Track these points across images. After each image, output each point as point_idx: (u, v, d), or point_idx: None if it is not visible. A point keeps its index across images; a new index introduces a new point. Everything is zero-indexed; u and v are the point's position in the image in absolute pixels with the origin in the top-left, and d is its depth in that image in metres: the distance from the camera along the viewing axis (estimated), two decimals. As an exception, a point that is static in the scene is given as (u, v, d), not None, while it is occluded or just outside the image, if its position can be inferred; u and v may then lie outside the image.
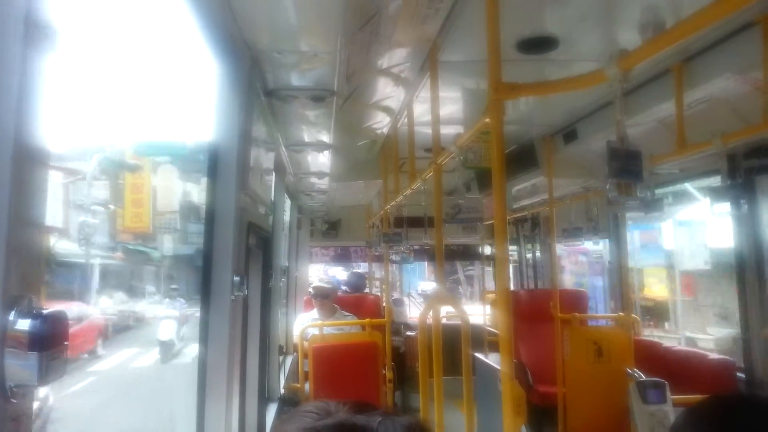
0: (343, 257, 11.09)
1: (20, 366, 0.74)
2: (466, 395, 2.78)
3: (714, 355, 3.77)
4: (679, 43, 2.50)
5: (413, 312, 9.23)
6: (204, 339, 1.88)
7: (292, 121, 2.99)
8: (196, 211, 34.37)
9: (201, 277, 1.90)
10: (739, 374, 3.34)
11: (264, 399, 3.14)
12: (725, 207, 2.86)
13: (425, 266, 25.94)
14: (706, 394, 0.99)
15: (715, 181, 3.06)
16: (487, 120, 1.94)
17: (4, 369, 0.74)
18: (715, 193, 2.92)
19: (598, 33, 2.64)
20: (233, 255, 1.89)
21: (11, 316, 0.74)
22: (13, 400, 0.75)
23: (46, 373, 0.76)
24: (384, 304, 5.77)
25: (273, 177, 3.64)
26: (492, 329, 5.87)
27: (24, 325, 0.75)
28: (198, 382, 1.89)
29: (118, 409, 10.19)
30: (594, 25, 2.55)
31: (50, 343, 0.77)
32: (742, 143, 2.87)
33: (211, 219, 1.87)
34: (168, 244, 31.41)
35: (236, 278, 1.90)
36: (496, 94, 1.85)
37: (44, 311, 0.78)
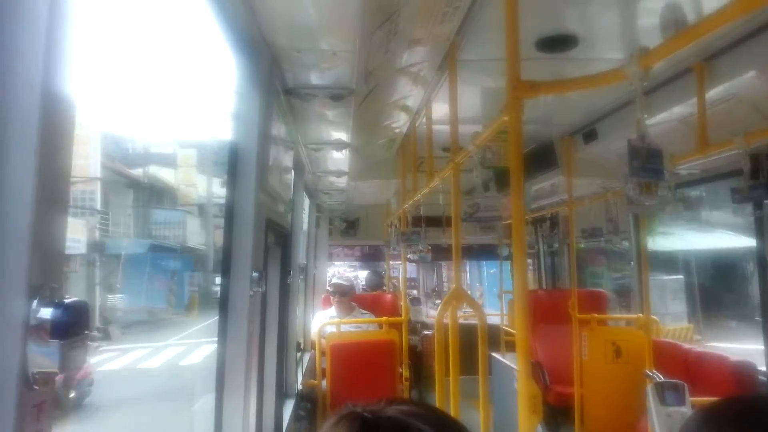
0: (371, 256, 10.33)
1: (42, 353, 0.77)
2: (482, 394, 2.78)
3: (734, 358, 3.71)
4: (700, 41, 2.48)
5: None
6: (223, 334, 1.91)
7: (311, 120, 3.01)
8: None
9: (221, 272, 1.93)
10: (760, 377, 3.28)
11: (281, 395, 3.17)
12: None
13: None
14: (726, 397, 0.97)
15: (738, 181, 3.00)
16: (506, 118, 1.94)
17: (27, 356, 0.76)
18: (738, 194, 2.87)
19: (619, 31, 2.61)
20: (252, 251, 1.91)
21: (34, 305, 0.77)
22: (36, 387, 0.77)
23: (67, 361, 0.79)
24: (402, 303, 5.78)
25: (292, 175, 3.68)
26: (509, 329, 5.85)
27: (46, 313, 0.77)
28: (216, 377, 1.92)
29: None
30: (615, 23, 2.53)
31: (71, 332, 0.79)
32: (765, 143, 2.82)
33: (230, 215, 1.90)
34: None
35: (255, 274, 1.93)
36: (514, 92, 1.85)
37: (66, 300, 0.80)
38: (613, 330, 4.50)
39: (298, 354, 4.46)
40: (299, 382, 4.31)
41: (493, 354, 5.27)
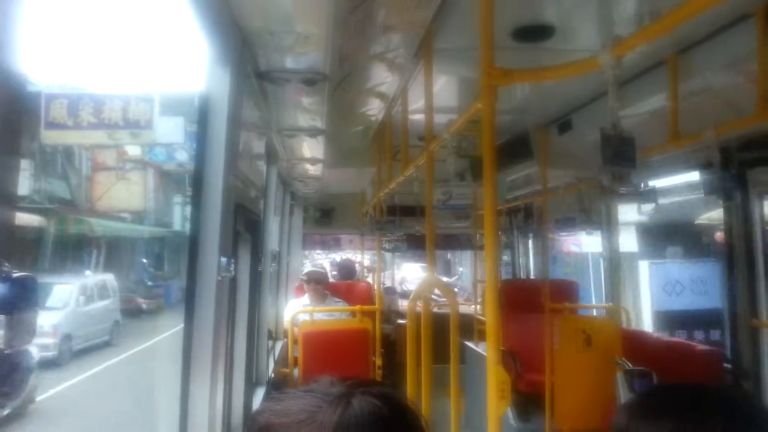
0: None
1: (-14, 331, 0.73)
2: (453, 383, 2.79)
3: (701, 346, 3.79)
4: (674, 33, 2.50)
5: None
6: (189, 319, 1.87)
7: (285, 105, 2.97)
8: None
9: (188, 257, 1.89)
10: (726, 364, 3.36)
11: (251, 383, 3.14)
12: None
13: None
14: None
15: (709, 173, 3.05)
16: (480, 106, 1.93)
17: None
18: (708, 186, 2.92)
19: (595, 22, 2.62)
20: (220, 236, 1.88)
21: (-21, 282, 0.73)
22: None
23: (12, 336, 0.75)
24: (375, 292, 5.78)
25: (265, 162, 3.63)
26: (482, 318, 5.89)
27: (-8, 290, 0.73)
28: (182, 363, 1.89)
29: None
30: (591, 14, 2.54)
31: (18, 307, 0.76)
32: (735, 136, 2.87)
33: (198, 199, 1.86)
34: None
35: (223, 259, 1.89)
36: (488, 80, 1.84)
37: (14, 274, 0.77)
38: (584, 319, 4.56)
39: (270, 342, 4.42)
40: (271, 370, 4.29)
41: (466, 342, 5.32)
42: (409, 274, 12.31)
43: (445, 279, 14.02)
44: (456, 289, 12.05)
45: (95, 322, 14.31)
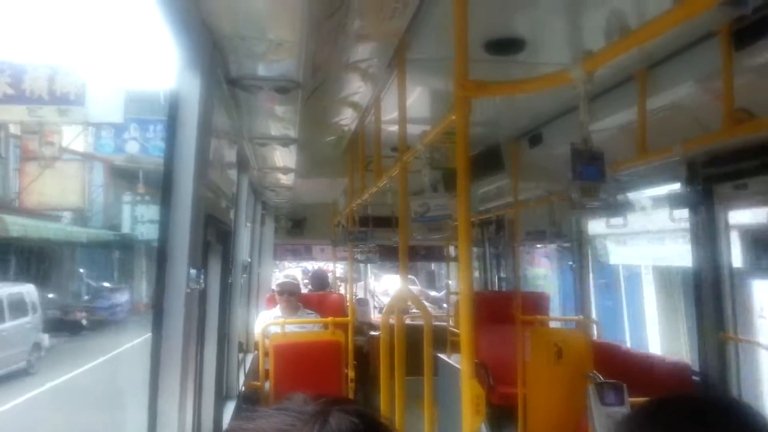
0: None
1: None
2: (427, 395, 2.77)
3: (671, 358, 3.84)
4: (643, 49, 2.55)
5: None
6: (157, 332, 1.82)
7: (257, 114, 2.93)
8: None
9: (155, 268, 1.84)
10: (694, 377, 3.41)
11: (221, 396, 3.07)
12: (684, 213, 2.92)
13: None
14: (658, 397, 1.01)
15: (675, 188, 3.11)
16: (453, 118, 1.93)
17: None
18: (675, 200, 2.97)
19: (566, 36, 2.66)
20: (189, 247, 1.83)
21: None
22: None
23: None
24: (348, 303, 5.73)
25: (236, 171, 3.58)
26: (455, 329, 5.88)
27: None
28: (150, 378, 1.83)
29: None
30: (562, 28, 2.57)
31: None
32: (702, 151, 2.93)
33: (167, 208, 1.81)
34: None
35: (192, 271, 1.85)
36: (462, 92, 1.84)
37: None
38: (554, 331, 4.58)
39: (241, 355, 4.35)
40: (242, 383, 4.21)
41: (439, 355, 5.29)
42: (391, 287, 11.84)
43: (432, 293, 13.34)
44: (445, 305, 11.49)
45: (5, 346, 11.56)
